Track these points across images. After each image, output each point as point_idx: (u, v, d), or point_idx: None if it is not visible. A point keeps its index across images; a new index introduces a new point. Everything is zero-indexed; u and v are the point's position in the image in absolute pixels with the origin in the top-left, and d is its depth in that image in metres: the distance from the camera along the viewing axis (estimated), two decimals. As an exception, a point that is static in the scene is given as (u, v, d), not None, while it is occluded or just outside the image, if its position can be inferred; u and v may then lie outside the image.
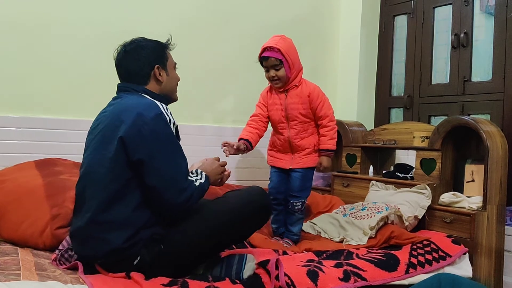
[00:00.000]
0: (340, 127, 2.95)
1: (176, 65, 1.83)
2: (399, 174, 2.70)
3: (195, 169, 1.71)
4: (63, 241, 1.78)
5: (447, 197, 2.38)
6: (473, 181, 2.40)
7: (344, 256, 2.02)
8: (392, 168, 2.87)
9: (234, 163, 3.00)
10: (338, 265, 1.87)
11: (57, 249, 1.78)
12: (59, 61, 2.57)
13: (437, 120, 3.01)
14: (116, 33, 2.65)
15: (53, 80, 2.56)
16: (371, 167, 2.95)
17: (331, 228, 2.40)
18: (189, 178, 1.62)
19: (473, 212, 2.22)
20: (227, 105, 3.11)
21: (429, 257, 2.09)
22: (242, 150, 2.29)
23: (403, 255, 2.06)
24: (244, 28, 3.12)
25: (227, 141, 2.25)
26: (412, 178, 2.64)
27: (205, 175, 1.68)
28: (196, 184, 1.61)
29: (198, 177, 1.65)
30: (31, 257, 1.71)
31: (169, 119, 1.61)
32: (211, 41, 3.02)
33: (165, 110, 1.61)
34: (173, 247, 1.59)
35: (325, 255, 2.03)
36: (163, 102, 1.66)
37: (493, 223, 2.23)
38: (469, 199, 2.32)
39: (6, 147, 2.43)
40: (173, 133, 1.62)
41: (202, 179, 1.66)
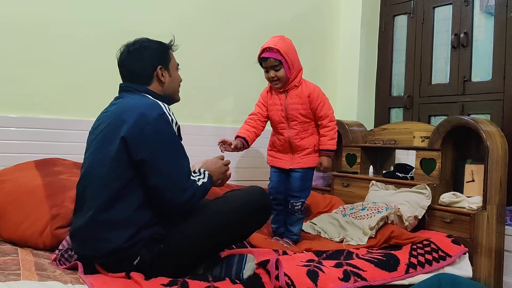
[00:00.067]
0: (340, 127, 2.95)
1: (178, 66, 1.84)
2: (399, 174, 2.70)
3: (198, 168, 1.71)
4: (63, 241, 1.78)
5: (447, 197, 2.38)
6: (473, 181, 2.40)
7: (344, 256, 2.02)
8: (392, 168, 2.87)
9: (234, 163, 3.00)
10: (338, 265, 1.87)
11: (57, 249, 1.78)
12: (59, 61, 2.57)
13: (437, 120, 3.01)
14: (116, 33, 2.66)
15: (53, 80, 2.56)
16: (371, 167, 2.95)
17: (331, 228, 2.40)
18: (192, 177, 1.62)
19: (473, 212, 2.22)
20: (227, 105, 3.11)
21: (429, 257, 2.09)
22: (239, 148, 2.30)
23: (403, 255, 2.06)
24: (244, 28, 3.12)
25: (225, 138, 2.26)
26: (412, 178, 2.64)
27: (208, 174, 1.69)
28: (198, 183, 1.61)
29: (200, 177, 1.65)
30: (31, 257, 1.71)
31: (171, 119, 1.61)
32: (211, 41, 3.02)
33: (167, 110, 1.61)
34: (173, 247, 1.58)
35: (325, 255, 2.03)
36: (165, 102, 1.66)
37: (493, 223, 2.23)
38: (469, 199, 2.32)
39: (6, 147, 2.43)
40: (175, 133, 1.63)
41: (204, 178, 1.66)
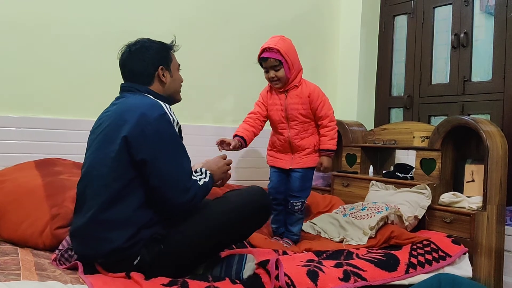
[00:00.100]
0: (340, 127, 2.94)
1: (180, 66, 1.84)
2: (399, 174, 2.70)
3: (199, 168, 1.71)
4: (63, 241, 1.78)
5: (447, 197, 2.38)
6: (473, 181, 2.40)
7: (344, 256, 2.02)
8: (392, 168, 2.87)
9: (234, 163, 2.93)
10: (338, 265, 1.87)
11: (57, 249, 1.78)
12: (59, 61, 2.57)
13: (437, 120, 3.01)
14: (116, 33, 2.67)
15: (53, 80, 2.56)
16: (371, 167, 2.95)
17: (331, 228, 2.40)
18: (193, 177, 1.62)
19: (473, 212, 2.22)
20: (227, 105, 3.11)
21: (429, 257, 2.09)
22: (237, 148, 2.29)
23: (403, 255, 2.05)
24: (244, 28, 3.12)
25: (223, 138, 2.25)
26: (412, 178, 2.64)
27: (209, 174, 1.69)
28: (199, 183, 1.61)
29: (202, 176, 1.66)
30: (31, 257, 1.71)
31: (173, 119, 1.61)
32: (211, 41, 3.02)
33: (168, 110, 1.61)
34: (173, 247, 1.58)
35: (325, 255, 2.03)
36: (166, 102, 1.66)
37: (493, 223, 2.23)
38: (469, 199, 2.32)
39: (6, 147, 2.43)
40: (177, 133, 1.63)
41: (206, 178, 1.66)
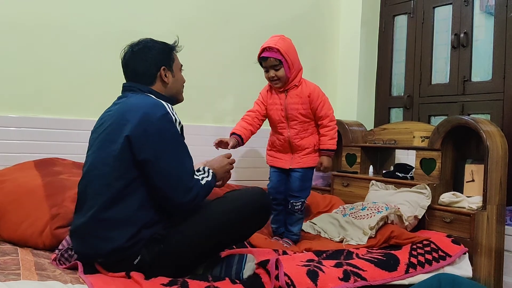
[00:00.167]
0: (340, 127, 2.94)
1: (182, 67, 1.84)
2: (399, 174, 2.70)
3: (202, 167, 1.71)
4: (63, 241, 1.78)
5: (447, 197, 2.38)
6: (473, 181, 2.40)
7: (344, 256, 2.02)
8: (392, 168, 2.87)
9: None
10: (338, 265, 1.87)
11: (57, 248, 1.78)
12: (59, 61, 2.57)
13: (437, 120, 3.01)
14: (116, 33, 2.67)
15: (53, 80, 2.55)
16: (371, 167, 2.95)
17: (331, 228, 2.39)
18: (195, 176, 1.62)
19: (473, 212, 2.22)
20: (227, 105, 3.11)
21: (429, 257, 2.09)
22: (234, 146, 2.29)
23: (403, 255, 2.05)
24: (244, 28, 3.12)
25: (221, 139, 2.25)
26: (412, 178, 2.64)
27: (212, 172, 1.70)
28: (202, 182, 1.62)
29: (204, 175, 1.66)
30: (31, 256, 1.71)
31: (175, 119, 1.62)
32: (211, 41, 3.02)
33: (170, 110, 1.62)
34: (173, 247, 1.58)
35: (325, 255, 2.03)
36: (168, 102, 1.66)
37: (493, 223, 2.23)
38: (469, 199, 2.32)
39: (6, 147, 2.43)
40: (179, 132, 1.64)
41: (208, 176, 1.67)
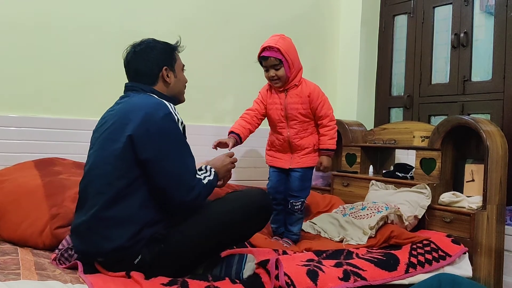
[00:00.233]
0: (340, 127, 2.94)
1: (184, 67, 1.84)
2: (399, 173, 2.70)
3: (204, 166, 1.72)
4: (63, 241, 1.78)
5: (447, 197, 2.38)
6: (473, 180, 2.40)
7: (344, 255, 2.02)
8: (392, 167, 2.87)
9: (234, 163, 3.00)
10: (338, 265, 1.87)
11: (57, 248, 1.78)
12: (59, 60, 2.56)
13: (437, 119, 3.01)
14: (116, 33, 2.67)
15: (53, 80, 2.55)
16: (371, 167, 2.95)
17: (331, 227, 2.39)
18: (197, 176, 1.63)
19: (473, 211, 2.22)
20: (227, 105, 3.11)
21: (429, 256, 2.09)
22: (233, 146, 2.28)
23: (403, 254, 2.05)
24: (244, 28, 3.12)
25: (221, 140, 2.22)
26: (412, 177, 2.64)
27: (214, 172, 1.70)
28: (204, 182, 1.63)
29: (206, 174, 1.67)
30: (31, 256, 1.71)
31: (177, 119, 1.62)
32: (211, 41, 3.02)
33: (173, 109, 1.62)
34: (173, 247, 1.59)
35: (325, 254, 2.03)
36: (170, 102, 1.67)
37: (493, 223, 2.23)
38: (469, 199, 2.32)
39: (5, 146, 2.43)
40: (181, 132, 1.64)
41: (210, 176, 1.67)
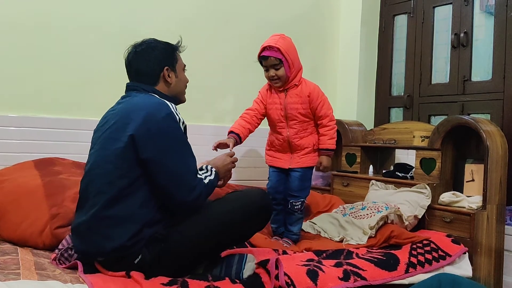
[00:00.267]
0: (340, 127, 2.95)
1: (185, 67, 1.85)
2: (399, 173, 2.70)
3: (205, 165, 1.73)
4: (63, 241, 1.78)
5: (447, 197, 2.38)
6: (473, 180, 2.40)
7: (344, 255, 2.02)
8: (392, 167, 2.87)
9: (234, 162, 3.00)
10: (338, 265, 1.87)
11: (56, 248, 1.78)
12: (59, 60, 2.56)
13: (437, 119, 3.01)
14: (116, 33, 2.67)
15: (53, 79, 2.55)
16: (371, 167, 2.95)
17: (331, 227, 2.39)
18: (198, 175, 1.63)
19: (473, 211, 2.22)
20: (227, 105, 3.11)
21: (429, 256, 2.09)
22: (233, 146, 2.28)
23: (403, 254, 2.05)
24: (244, 27, 3.12)
25: (220, 141, 2.20)
26: (412, 177, 2.64)
27: (214, 171, 1.71)
28: (205, 181, 1.63)
29: (207, 174, 1.68)
30: (31, 256, 1.71)
31: (179, 119, 1.63)
32: (211, 41, 3.02)
33: (174, 109, 1.63)
34: (173, 247, 1.59)
35: (325, 254, 2.03)
36: (172, 102, 1.67)
37: (493, 223, 2.23)
38: (469, 199, 2.32)
39: (5, 146, 2.43)
40: (183, 132, 1.65)
41: (211, 175, 1.68)
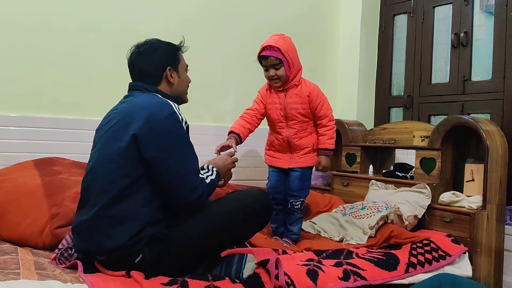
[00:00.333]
0: (340, 127, 2.95)
1: (188, 67, 1.85)
2: (398, 173, 2.70)
3: (206, 165, 1.73)
4: (63, 240, 1.78)
5: (447, 197, 2.38)
6: (473, 180, 2.40)
7: (344, 255, 2.02)
8: (392, 167, 2.87)
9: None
10: (337, 265, 1.87)
11: (56, 248, 1.78)
12: (59, 60, 2.57)
13: (437, 119, 3.01)
14: (116, 33, 2.67)
15: (53, 79, 2.55)
16: (371, 167, 2.95)
17: (330, 227, 2.39)
18: (200, 175, 1.64)
19: (473, 211, 2.22)
20: (227, 105, 3.11)
21: (429, 256, 2.09)
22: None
23: (403, 254, 2.05)
24: (244, 27, 3.12)
25: (223, 144, 2.17)
26: (412, 177, 2.64)
27: (215, 171, 1.72)
28: (207, 181, 1.64)
29: (208, 173, 1.68)
30: (31, 256, 1.71)
31: (181, 118, 1.63)
32: (211, 41, 3.02)
33: (177, 109, 1.64)
34: (174, 246, 1.59)
35: (324, 254, 2.03)
36: (174, 102, 1.68)
37: (492, 223, 2.23)
38: (469, 199, 2.32)
39: (5, 146, 2.43)
40: (185, 131, 1.65)
41: (213, 175, 1.69)
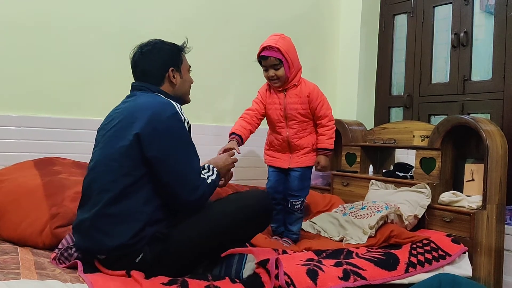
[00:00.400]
0: (339, 126, 2.95)
1: (190, 68, 1.86)
2: (398, 173, 2.70)
3: (207, 164, 1.74)
4: (63, 240, 1.78)
5: (446, 196, 2.38)
6: (473, 180, 2.40)
7: (343, 255, 2.02)
8: (392, 167, 2.87)
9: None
10: (337, 264, 1.87)
11: (56, 248, 1.78)
12: (59, 60, 2.57)
13: (437, 119, 3.01)
14: (116, 33, 2.67)
15: (53, 79, 2.55)
16: (371, 166, 2.95)
17: (330, 227, 2.39)
18: (201, 175, 1.65)
19: (473, 211, 2.22)
20: (227, 105, 3.11)
21: (428, 256, 2.09)
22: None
23: (403, 254, 2.05)
24: (244, 27, 3.12)
25: (225, 147, 2.14)
26: (412, 177, 2.64)
27: (216, 171, 1.73)
28: (208, 181, 1.65)
29: (209, 173, 1.69)
30: (31, 256, 1.71)
31: (184, 118, 1.64)
32: (211, 41, 3.02)
33: (179, 109, 1.64)
34: (174, 246, 1.59)
35: (324, 254, 2.03)
36: (176, 102, 1.68)
37: (492, 222, 2.23)
38: (469, 198, 2.32)
39: (5, 146, 2.43)
40: (187, 131, 1.66)
41: (213, 175, 1.70)
